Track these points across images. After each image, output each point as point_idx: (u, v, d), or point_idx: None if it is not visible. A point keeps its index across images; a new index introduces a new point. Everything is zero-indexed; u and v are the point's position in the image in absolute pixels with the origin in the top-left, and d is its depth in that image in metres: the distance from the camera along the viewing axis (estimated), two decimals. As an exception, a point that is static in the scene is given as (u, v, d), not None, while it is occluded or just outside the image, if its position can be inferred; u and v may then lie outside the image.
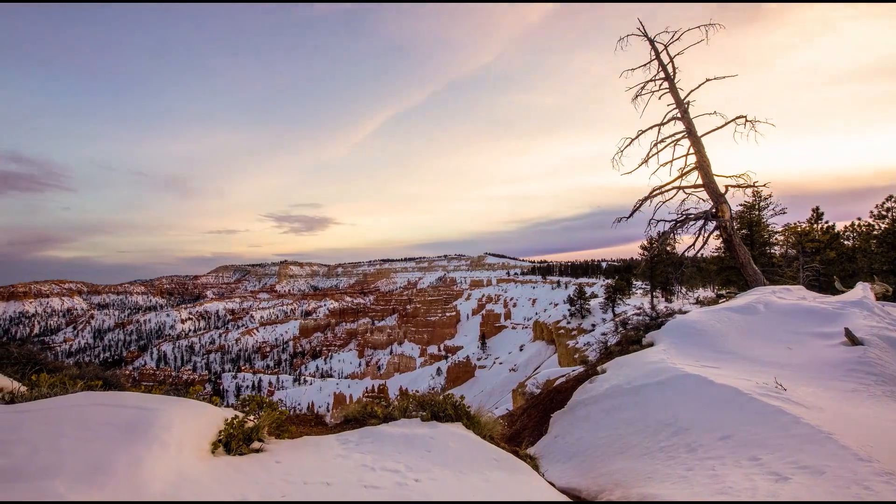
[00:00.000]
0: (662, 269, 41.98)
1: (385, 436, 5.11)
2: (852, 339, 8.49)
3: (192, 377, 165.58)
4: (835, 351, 8.44)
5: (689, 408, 6.13)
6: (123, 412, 3.76)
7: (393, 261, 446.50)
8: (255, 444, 4.66)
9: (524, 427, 10.61)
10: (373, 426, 5.69)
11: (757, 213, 28.72)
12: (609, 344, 13.98)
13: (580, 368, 19.44)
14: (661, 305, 24.16)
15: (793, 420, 4.96)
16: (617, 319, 18.81)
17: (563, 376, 20.48)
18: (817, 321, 10.21)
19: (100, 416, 3.63)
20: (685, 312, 13.22)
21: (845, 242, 30.76)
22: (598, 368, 10.09)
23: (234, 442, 4.39)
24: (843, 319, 9.78)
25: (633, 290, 60.86)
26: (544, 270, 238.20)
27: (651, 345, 10.70)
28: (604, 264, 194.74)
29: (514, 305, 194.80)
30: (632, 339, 11.83)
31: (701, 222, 18.05)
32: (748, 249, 18.79)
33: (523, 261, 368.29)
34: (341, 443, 5.00)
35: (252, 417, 5.13)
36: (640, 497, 4.39)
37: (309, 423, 7.25)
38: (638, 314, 31.96)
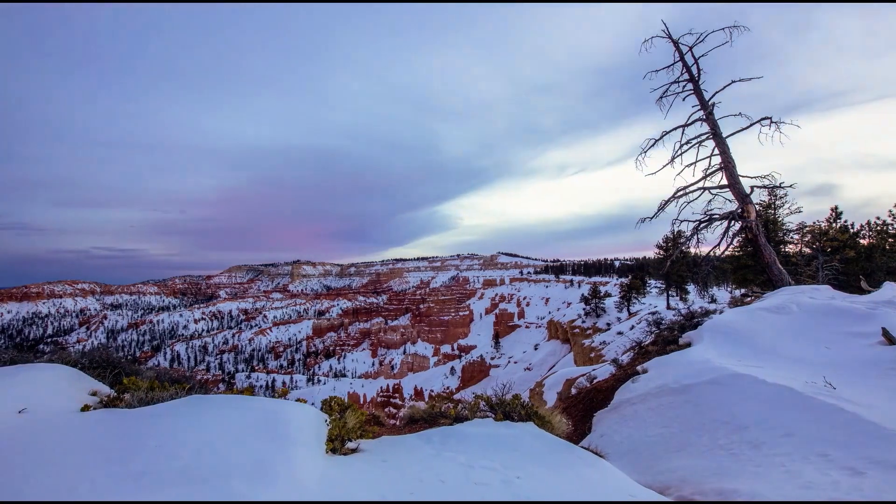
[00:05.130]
0: (678, 268, 41.97)
1: (468, 435, 5.37)
2: (889, 339, 8.68)
3: (205, 377, 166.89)
4: (873, 350, 8.61)
5: (746, 406, 6.35)
6: (252, 414, 4.07)
7: (405, 260, 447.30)
8: (351, 444, 5.01)
9: (565, 426, 10.91)
10: (445, 426, 5.95)
11: (773, 211, 28.80)
12: (643, 343, 14.24)
13: (606, 367, 19.57)
14: (696, 305, 24.37)
15: (854, 417, 5.19)
16: (650, 318, 19.03)
17: (582, 375, 20.57)
18: (851, 321, 10.33)
19: (234, 418, 3.95)
20: (716, 312, 13.38)
21: (861, 241, 30.78)
22: (639, 368, 10.33)
23: (337, 441, 4.74)
24: (878, 319, 9.88)
25: (648, 288, 60.80)
26: (557, 269, 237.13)
27: (688, 345, 10.89)
28: (617, 263, 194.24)
29: (528, 304, 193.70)
30: (668, 339, 12.07)
31: (726, 223, 18.25)
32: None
33: (536, 260, 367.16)
34: (425, 442, 5.27)
35: (334, 417, 5.46)
36: (718, 493, 4.52)
37: (368, 422, 7.57)
38: (654, 313, 31.99)
